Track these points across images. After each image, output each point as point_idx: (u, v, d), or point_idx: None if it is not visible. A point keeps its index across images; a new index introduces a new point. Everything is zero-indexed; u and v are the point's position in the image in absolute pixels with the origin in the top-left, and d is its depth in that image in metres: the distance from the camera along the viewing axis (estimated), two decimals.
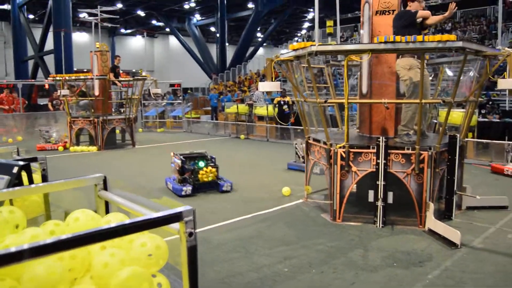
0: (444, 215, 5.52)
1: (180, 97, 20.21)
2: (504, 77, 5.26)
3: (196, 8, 34.47)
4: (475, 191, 6.28)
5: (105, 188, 2.05)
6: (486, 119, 12.20)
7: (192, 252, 1.45)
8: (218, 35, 33.37)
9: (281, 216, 5.83)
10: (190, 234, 1.42)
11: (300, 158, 8.64)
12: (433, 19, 5.58)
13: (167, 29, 38.82)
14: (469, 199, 5.91)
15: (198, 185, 6.91)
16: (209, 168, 6.90)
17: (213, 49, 36.28)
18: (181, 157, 7.06)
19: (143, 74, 15.29)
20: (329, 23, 5.95)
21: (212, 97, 20.56)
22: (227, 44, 34.76)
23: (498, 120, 12.05)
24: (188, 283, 1.42)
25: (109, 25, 15.93)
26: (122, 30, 40.48)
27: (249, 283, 3.88)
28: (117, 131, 13.38)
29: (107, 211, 2.01)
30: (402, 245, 4.72)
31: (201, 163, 6.95)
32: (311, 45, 4.95)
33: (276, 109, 13.96)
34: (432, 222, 5.05)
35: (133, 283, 1.38)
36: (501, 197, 6.08)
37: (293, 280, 3.92)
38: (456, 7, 5.28)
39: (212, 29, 38.19)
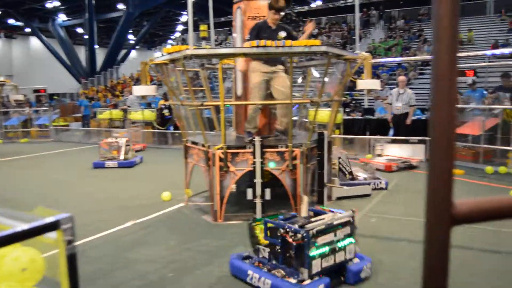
0: None
1: (46, 104, 18.71)
2: (362, 79, 5.85)
3: (61, 7, 32.15)
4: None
5: None
6: (350, 117, 13.39)
7: (72, 261, 1.39)
8: (86, 36, 31.55)
9: (163, 221, 5.75)
10: (69, 242, 1.36)
11: (347, 175, 6.89)
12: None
13: (28, 30, 35.55)
14: (339, 190, 6.45)
15: None
16: None
17: (82, 52, 34.19)
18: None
19: (1, 79, 13.81)
20: (203, 27, 5.99)
21: (82, 103, 19.33)
22: (96, 46, 33.05)
23: (360, 117, 13.31)
24: None
25: None
26: None
27: None
28: None
29: None
30: None
31: None
32: (186, 49, 4.97)
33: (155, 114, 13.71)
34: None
35: None
36: (365, 186, 6.74)
37: (179, 283, 3.90)
38: (314, 27, 5.67)
39: (80, 30, 35.92)
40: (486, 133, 8.77)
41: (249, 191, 5.41)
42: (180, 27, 39.36)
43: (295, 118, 7.64)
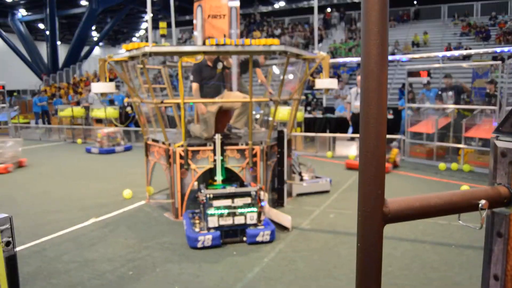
0: (277, 203, 6.05)
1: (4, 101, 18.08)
2: (320, 78, 5.99)
3: (21, 2, 31.03)
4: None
5: None
6: (311, 115, 13.59)
7: (11, 263, 1.36)
8: (47, 32, 30.61)
9: (123, 219, 5.72)
10: (8, 244, 1.35)
11: (297, 175, 6.90)
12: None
13: None
14: (299, 186, 6.58)
15: None
16: None
17: (43, 48, 33.05)
18: None
19: None
20: (162, 24, 5.91)
21: (36, 100, 18.66)
22: (58, 42, 32.12)
23: (321, 116, 13.52)
24: None
25: None
26: None
27: None
28: None
29: None
30: None
31: None
32: (145, 46, 4.96)
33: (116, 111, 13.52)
34: (267, 210, 5.50)
35: None
36: (324, 183, 6.89)
37: (138, 282, 3.90)
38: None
39: (41, 26, 34.80)
40: (439, 131, 9.11)
41: None
42: (144, 25, 38.68)
43: (257, 116, 7.73)
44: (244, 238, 4.75)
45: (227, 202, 4.67)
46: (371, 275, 0.92)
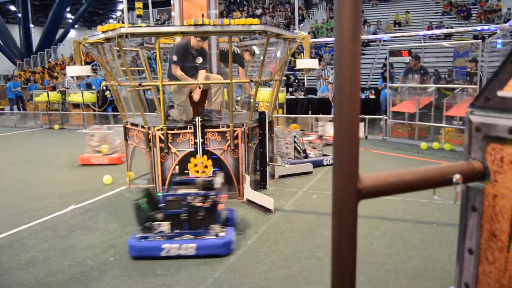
0: (260, 185, 6.02)
1: None
2: (301, 58, 5.92)
3: None
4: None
5: None
6: (293, 96, 13.53)
7: None
8: (19, 15, 29.67)
9: (104, 205, 5.62)
10: None
11: (301, 153, 7.06)
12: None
13: None
14: (281, 168, 6.56)
15: None
16: None
17: (15, 31, 32.08)
18: None
19: None
20: (138, 5, 5.71)
21: (10, 86, 18.11)
22: (32, 25, 31.20)
23: (303, 97, 13.48)
24: None
25: None
26: None
27: (71, 279, 3.67)
28: None
29: None
30: None
31: None
32: (121, 27, 4.81)
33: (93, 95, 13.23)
34: (249, 193, 5.47)
35: None
36: (306, 165, 6.89)
37: (120, 268, 3.84)
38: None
39: (13, 7, 33.70)
40: (420, 110, 9.17)
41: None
42: (121, 6, 37.87)
43: (238, 98, 7.64)
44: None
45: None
46: (346, 252, 0.91)
